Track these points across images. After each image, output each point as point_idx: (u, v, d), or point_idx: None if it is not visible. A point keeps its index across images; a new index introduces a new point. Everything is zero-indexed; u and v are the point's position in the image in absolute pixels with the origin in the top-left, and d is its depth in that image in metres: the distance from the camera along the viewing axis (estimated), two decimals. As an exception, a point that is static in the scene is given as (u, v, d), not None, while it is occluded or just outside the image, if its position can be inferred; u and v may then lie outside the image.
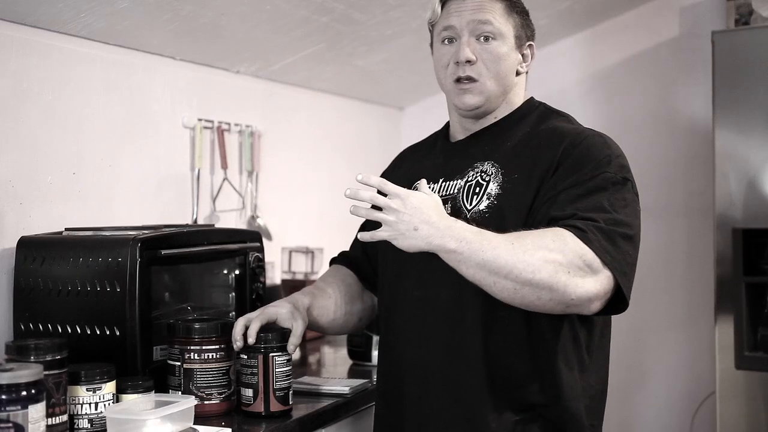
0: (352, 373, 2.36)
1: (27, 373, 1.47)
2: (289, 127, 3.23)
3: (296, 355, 2.51)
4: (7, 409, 1.43)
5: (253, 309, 2.23)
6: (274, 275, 3.05)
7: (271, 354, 1.82)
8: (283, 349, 1.83)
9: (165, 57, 2.64)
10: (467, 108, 1.79)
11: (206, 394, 1.82)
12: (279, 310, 1.86)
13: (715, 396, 2.89)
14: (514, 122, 1.81)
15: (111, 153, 2.43)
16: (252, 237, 2.31)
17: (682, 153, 3.57)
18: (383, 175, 2.02)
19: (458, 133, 1.86)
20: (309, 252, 3.10)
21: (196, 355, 1.82)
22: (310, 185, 3.35)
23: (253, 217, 2.97)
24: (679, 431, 3.54)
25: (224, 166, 2.84)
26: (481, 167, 1.75)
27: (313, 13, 2.66)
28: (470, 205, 1.72)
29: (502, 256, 1.54)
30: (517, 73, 1.81)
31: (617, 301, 1.62)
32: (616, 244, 1.58)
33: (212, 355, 1.83)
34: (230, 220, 2.88)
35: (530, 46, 1.84)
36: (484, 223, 1.65)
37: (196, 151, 2.73)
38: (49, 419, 1.57)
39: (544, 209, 1.64)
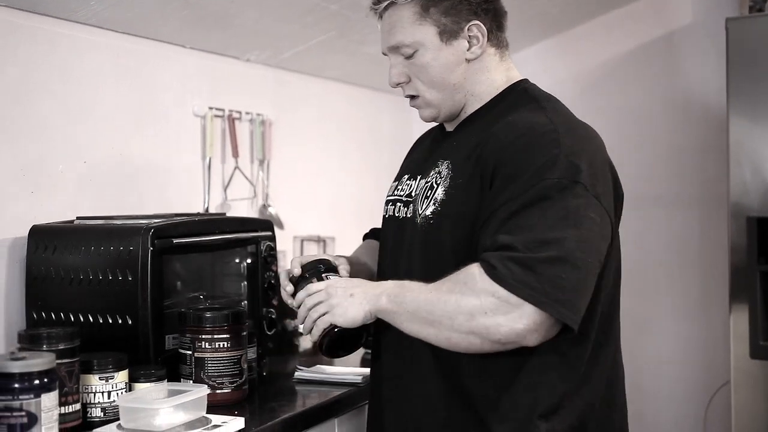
0: (365, 363, 2.35)
1: (39, 361, 1.46)
2: (300, 115, 3.21)
3: (308, 344, 2.51)
4: (20, 397, 1.43)
5: (265, 298, 2.23)
6: (286, 264, 3.04)
7: (324, 275, 1.70)
8: (334, 271, 1.72)
9: (175, 45, 2.63)
10: (427, 121, 1.72)
11: (217, 383, 1.82)
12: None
13: (730, 385, 2.88)
14: (485, 113, 1.65)
15: (122, 141, 2.42)
16: (264, 226, 2.30)
17: (696, 141, 3.55)
18: None
19: (448, 125, 1.75)
20: (321, 240, 3.09)
21: (207, 344, 1.82)
22: (322, 174, 3.34)
23: (265, 206, 2.96)
24: (693, 420, 3.53)
25: (235, 154, 2.83)
26: (439, 167, 1.62)
27: (323, 0, 2.64)
28: (422, 209, 1.61)
29: (423, 308, 1.48)
30: (468, 61, 1.63)
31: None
32: (536, 271, 1.40)
33: (223, 344, 1.82)
34: (242, 208, 2.88)
35: (475, 26, 1.61)
36: (430, 232, 1.58)
37: (207, 139, 2.72)
38: (62, 408, 1.57)
39: (481, 236, 1.50)
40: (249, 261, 2.24)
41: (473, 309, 1.43)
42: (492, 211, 1.48)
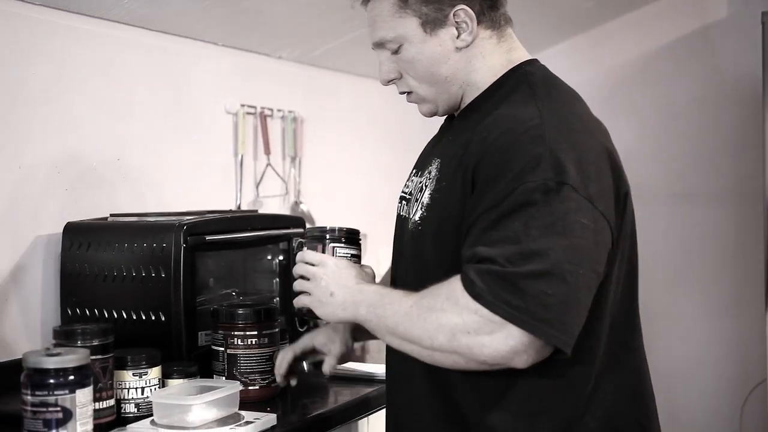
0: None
1: (74, 357, 1.47)
2: (332, 112, 3.21)
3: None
4: (55, 393, 1.44)
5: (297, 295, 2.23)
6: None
7: (332, 245, 1.63)
8: (351, 242, 1.63)
9: (207, 43, 2.64)
10: (428, 116, 1.61)
11: (250, 379, 1.82)
12: (315, 336, 1.80)
13: (766, 384, 2.85)
14: (482, 102, 1.51)
15: (155, 139, 2.43)
16: (295, 223, 2.31)
17: (731, 136, 3.51)
18: None
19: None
20: (352, 237, 3.08)
21: (239, 340, 1.82)
22: (354, 170, 3.34)
23: (297, 203, 2.96)
24: (728, 419, 3.49)
25: (267, 151, 2.84)
26: (431, 166, 1.50)
27: (355, -3, 2.64)
28: (412, 213, 1.51)
29: (402, 323, 1.38)
30: (459, 50, 1.49)
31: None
32: (517, 288, 1.27)
33: (256, 341, 1.83)
34: (273, 205, 2.88)
35: (461, 10, 1.46)
36: (417, 238, 1.48)
37: (239, 136, 2.73)
38: (97, 403, 1.58)
39: (463, 247, 1.38)
40: (281, 258, 2.25)
41: (454, 327, 1.31)
42: (475, 218, 1.35)
